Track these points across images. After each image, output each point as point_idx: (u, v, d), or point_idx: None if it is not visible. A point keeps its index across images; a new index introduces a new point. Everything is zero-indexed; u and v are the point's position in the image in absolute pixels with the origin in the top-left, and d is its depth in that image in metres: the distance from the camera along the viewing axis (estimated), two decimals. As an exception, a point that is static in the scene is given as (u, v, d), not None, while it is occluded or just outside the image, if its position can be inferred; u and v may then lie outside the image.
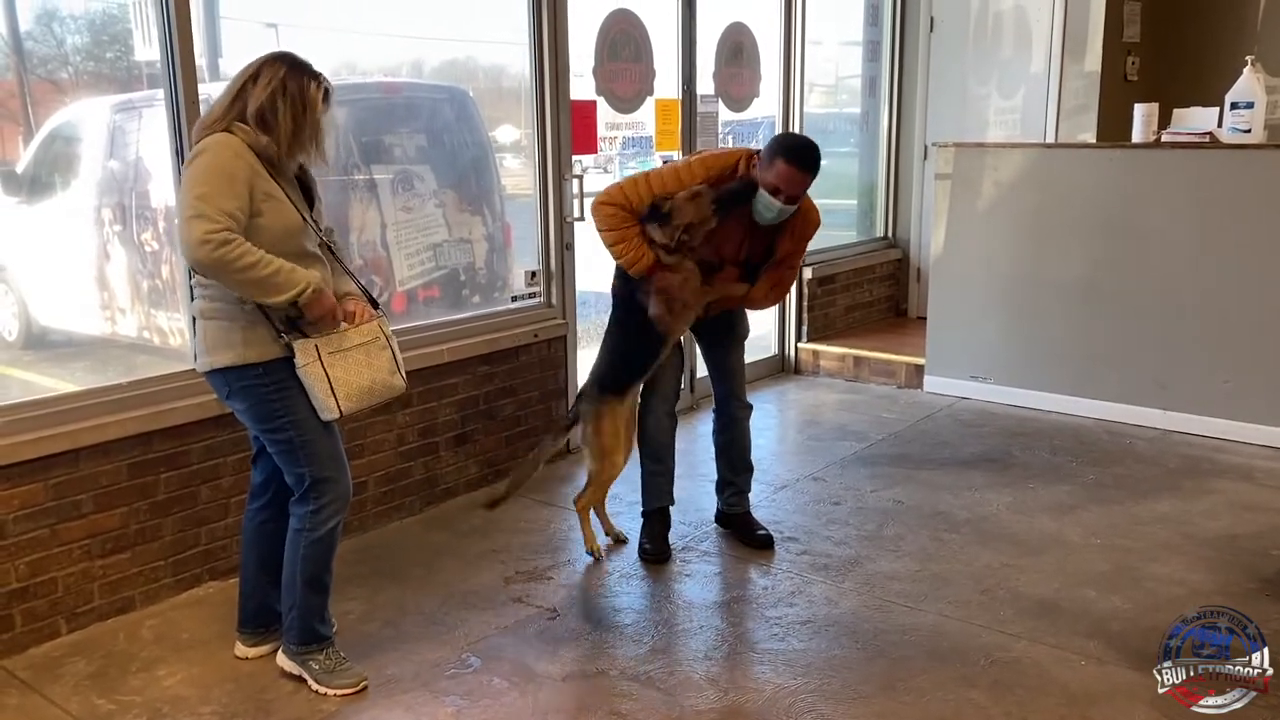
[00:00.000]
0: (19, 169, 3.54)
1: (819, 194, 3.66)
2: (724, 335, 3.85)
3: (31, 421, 3.10)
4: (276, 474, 2.96)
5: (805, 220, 3.60)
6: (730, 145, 5.76)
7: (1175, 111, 5.36)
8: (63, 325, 3.88)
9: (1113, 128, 6.27)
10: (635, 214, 3.44)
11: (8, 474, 3.04)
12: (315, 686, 2.92)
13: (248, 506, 3.08)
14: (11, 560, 3.08)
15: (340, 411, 2.79)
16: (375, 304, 2.96)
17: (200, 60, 3.44)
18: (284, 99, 2.66)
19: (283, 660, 3.02)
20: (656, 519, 3.85)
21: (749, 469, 4.00)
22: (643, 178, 3.49)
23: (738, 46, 5.81)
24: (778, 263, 3.64)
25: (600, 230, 3.50)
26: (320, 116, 2.74)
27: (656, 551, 3.77)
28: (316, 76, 2.74)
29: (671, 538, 3.87)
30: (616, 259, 3.50)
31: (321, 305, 2.73)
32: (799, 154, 3.36)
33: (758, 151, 3.50)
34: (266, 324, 2.72)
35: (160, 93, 3.37)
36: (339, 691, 2.90)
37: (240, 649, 3.11)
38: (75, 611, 3.25)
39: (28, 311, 3.79)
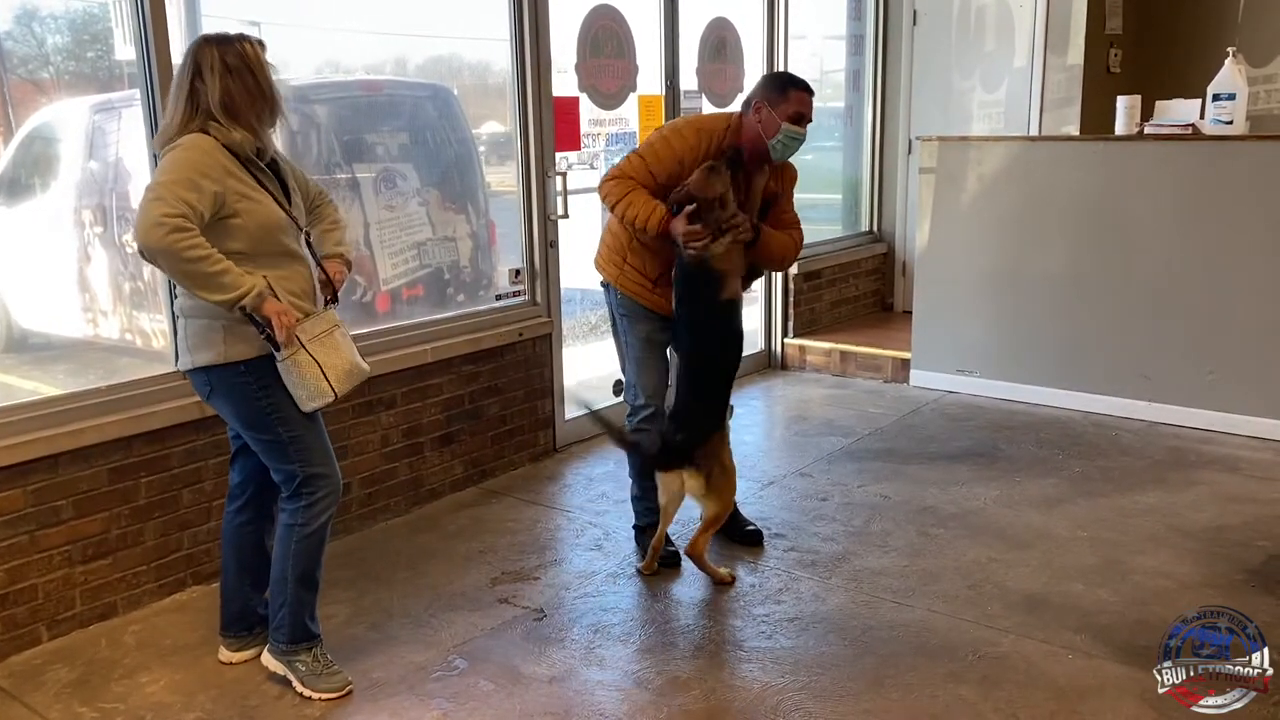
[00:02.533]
0: (-3, 170, 3.50)
1: (804, 188, 3.69)
2: None
3: (9, 427, 3.07)
4: (255, 475, 2.94)
5: (788, 167, 3.68)
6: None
7: (1158, 103, 5.37)
8: (44, 328, 3.84)
9: (1096, 120, 6.28)
10: (638, 183, 3.45)
11: (-14, 480, 3.01)
12: (300, 689, 2.90)
13: (226, 508, 3.05)
14: (-9, 567, 3.06)
15: (335, 393, 2.77)
16: (336, 299, 2.95)
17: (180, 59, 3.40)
18: (233, 77, 2.63)
19: (268, 660, 2.99)
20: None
21: (734, 469, 3.99)
22: (634, 154, 3.53)
23: (721, 42, 5.79)
24: (784, 224, 3.66)
25: (610, 206, 3.50)
26: (269, 71, 2.70)
27: (671, 555, 3.72)
28: (243, 38, 2.70)
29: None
30: (630, 223, 3.45)
31: (266, 310, 2.66)
32: (799, 80, 3.55)
33: (740, 111, 3.54)
34: (250, 322, 2.69)
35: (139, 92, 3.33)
36: (324, 695, 2.88)
37: (224, 654, 3.08)
38: (56, 618, 3.21)
39: (8, 314, 3.75)
